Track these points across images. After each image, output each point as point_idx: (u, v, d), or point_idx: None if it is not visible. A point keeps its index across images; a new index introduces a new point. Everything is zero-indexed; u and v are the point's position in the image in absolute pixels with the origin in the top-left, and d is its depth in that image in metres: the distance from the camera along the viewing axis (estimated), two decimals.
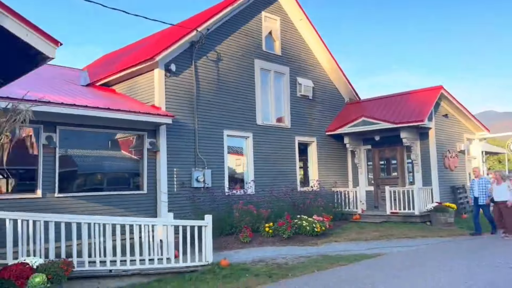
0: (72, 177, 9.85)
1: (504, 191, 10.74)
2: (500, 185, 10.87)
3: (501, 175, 11.11)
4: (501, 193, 10.80)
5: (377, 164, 15.96)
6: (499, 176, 11.05)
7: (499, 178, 10.96)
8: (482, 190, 11.41)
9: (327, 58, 16.03)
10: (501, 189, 10.80)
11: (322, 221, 11.61)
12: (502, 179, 10.92)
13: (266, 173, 13.37)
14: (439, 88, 14.44)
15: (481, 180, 11.62)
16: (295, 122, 14.67)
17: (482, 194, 11.39)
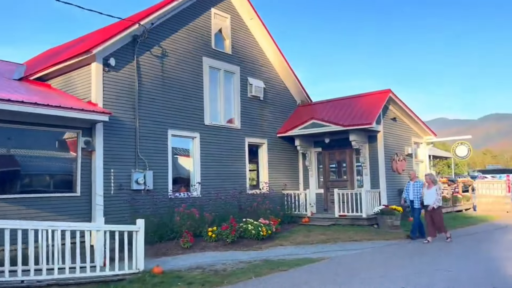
0: None
1: (434, 194, 10.69)
2: (430, 189, 10.81)
3: (431, 178, 11.01)
4: (430, 196, 10.75)
5: (327, 166, 15.91)
6: (429, 179, 10.99)
7: (430, 182, 10.91)
8: (416, 193, 11.39)
9: (279, 59, 15.83)
10: (431, 193, 10.75)
11: (269, 224, 11.31)
12: (432, 183, 10.86)
13: (213, 175, 12.90)
14: (387, 92, 14.59)
15: (416, 183, 11.53)
16: (246, 123, 14.32)
17: (417, 197, 11.36)
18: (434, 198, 10.62)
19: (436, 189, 10.73)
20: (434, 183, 10.85)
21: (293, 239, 11.26)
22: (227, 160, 13.44)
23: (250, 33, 15.02)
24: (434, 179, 11.03)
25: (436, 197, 10.62)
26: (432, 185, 10.78)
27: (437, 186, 10.81)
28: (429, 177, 11.03)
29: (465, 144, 18.57)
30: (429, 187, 10.88)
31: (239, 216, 11.42)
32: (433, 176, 11.16)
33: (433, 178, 11.07)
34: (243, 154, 14.08)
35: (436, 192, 10.72)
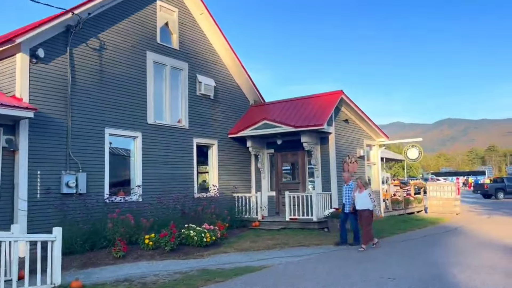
0: None
1: (365, 198, 10.11)
2: (362, 193, 10.18)
3: (362, 181, 10.41)
4: (362, 201, 10.14)
5: (280, 168, 15.49)
6: (360, 183, 10.34)
7: (361, 186, 10.30)
8: (347, 197, 10.80)
9: (231, 58, 15.25)
10: (363, 197, 10.14)
11: (214, 230, 10.68)
12: (364, 186, 10.27)
13: (157, 177, 12.12)
14: (339, 93, 14.35)
15: (348, 186, 10.85)
16: (194, 123, 13.63)
17: (348, 201, 10.74)
18: (366, 202, 10.05)
19: (369, 193, 10.16)
20: (365, 186, 10.27)
21: (239, 245, 10.68)
22: (173, 162, 12.69)
23: (200, 29, 14.35)
24: (366, 182, 10.44)
25: (371, 202, 10.05)
26: (364, 189, 10.19)
27: (369, 190, 10.25)
28: (360, 181, 10.40)
29: (416, 146, 18.75)
30: (360, 191, 10.27)
31: (182, 222, 10.72)
32: (365, 180, 10.57)
33: (365, 181, 10.51)
34: (191, 155, 13.38)
35: (369, 197, 10.14)
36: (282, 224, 13.57)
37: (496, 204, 26.07)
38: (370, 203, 10.05)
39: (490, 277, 6.98)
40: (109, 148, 11.11)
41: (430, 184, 20.78)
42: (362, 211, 10.11)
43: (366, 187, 10.25)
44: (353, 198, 10.42)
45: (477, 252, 9.40)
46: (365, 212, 10.07)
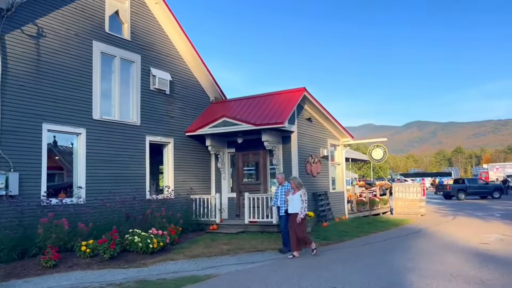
0: None
1: (298, 201, 9.15)
2: (295, 195, 9.25)
3: (296, 182, 9.36)
4: (294, 203, 9.20)
5: (241, 169, 14.77)
6: (294, 183, 9.34)
7: (294, 186, 9.31)
8: (281, 199, 9.79)
9: (190, 52, 14.42)
10: (295, 199, 9.18)
11: (162, 235, 9.85)
12: (297, 188, 9.29)
13: (104, 178, 11.17)
14: (302, 90, 13.77)
15: (282, 188, 9.84)
16: (147, 119, 12.73)
17: (283, 204, 9.72)
18: (299, 205, 9.08)
19: (301, 195, 9.14)
20: (299, 187, 9.28)
21: (190, 251, 9.88)
22: (122, 161, 11.77)
23: (155, 19, 13.45)
24: (299, 182, 9.40)
25: (302, 205, 9.06)
26: (297, 190, 9.25)
27: (302, 191, 9.24)
28: (293, 181, 9.38)
29: (381, 146, 18.45)
30: (294, 192, 9.32)
31: (127, 226, 9.83)
32: (298, 180, 9.48)
33: (298, 181, 9.42)
34: (143, 154, 12.47)
35: (301, 199, 9.13)
36: (241, 227, 12.86)
37: (461, 204, 26.26)
38: (304, 207, 9.09)
39: (449, 284, 6.49)
40: (48, 145, 10.09)
41: (395, 185, 20.56)
42: (294, 215, 9.13)
43: (300, 188, 9.30)
44: (286, 200, 9.55)
45: (439, 257, 8.96)
46: (296, 216, 9.09)
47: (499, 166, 66.83)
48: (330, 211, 14.94)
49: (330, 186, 15.80)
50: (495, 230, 13.36)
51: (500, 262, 8.35)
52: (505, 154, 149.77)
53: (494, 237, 11.79)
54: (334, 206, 15.78)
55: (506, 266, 7.89)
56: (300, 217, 9.01)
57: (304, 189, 9.34)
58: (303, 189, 9.34)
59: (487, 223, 15.56)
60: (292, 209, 9.24)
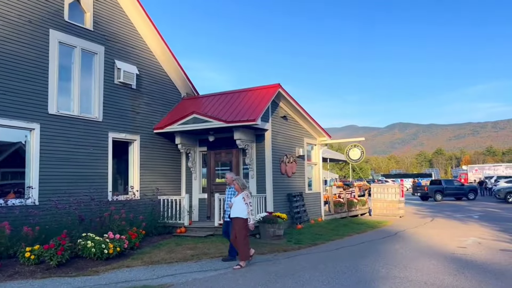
0: None
1: (240, 204, 8.19)
2: (237, 197, 8.32)
3: (239, 183, 8.40)
4: (236, 206, 8.23)
5: (213, 168, 14.08)
6: (236, 184, 8.37)
7: (238, 188, 8.35)
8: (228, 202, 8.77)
9: (159, 45, 13.66)
10: (238, 202, 8.25)
11: (119, 239, 9.09)
12: (240, 189, 8.35)
13: (59, 177, 10.35)
14: (276, 87, 13.17)
15: (232, 189, 8.84)
16: (110, 115, 11.94)
17: (227, 207, 8.71)
18: (240, 208, 8.12)
19: (244, 197, 8.17)
20: (242, 188, 8.31)
21: (150, 257, 9.14)
22: (82, 160, 10.96)
23: (121, 9, 12.66)
24: (243, 184, 8.43)
25: (248, 208, 8.11)
26: (240, 192, 8.30)
27: (245, 193, 8.25)
28: (236, 182, 8.38)
29: (359, 146, 17.99)
30: (237, 194, 8.39)
31: (82, 230, 9.05)
32: (241, 180, 8.48)
33: (241, 182, 8.42)
34: (105, 152, 11.68)
35: (244, 201, 8.15)
36: (211, 230, 12.17)
37: (439, 206, 26.10)
38: (244, 210, 8.13)
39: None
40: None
41: (374, 186, 20.16)
42: (236, 220, 8.17)
43: (243, 189, 8.34)
44: (230, 203, 8.53)
45: (415, 262, 8.46)
46: (238, 221, 8.12)
47: (478, 167, 67.68)
48: (305, 213, 14.38)
49: (306, 187, 15.25)
50: (472, 233, 13.01)
51: (477, 268, 7.89)
52: (484, 156, 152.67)
53: (472, 240, 11.40)
54: (310, 207, 15.24)
55: (483, 273, 7.43)
56: (250, 224, 8.10)
57: (248, 191, 8.36)
58: (247, 191, 8.36)
59: (465, 225, 15.25)
60: (233, 213, 8.24)
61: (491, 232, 13.24)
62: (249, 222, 8.14)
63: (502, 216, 18.92)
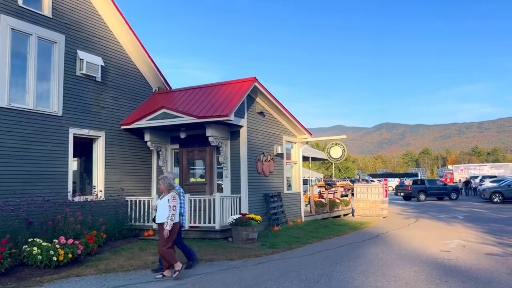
0: None
1: (165, 207, 7.10)
2: (163, 199, 7.27)
3: (165, 183, 7.25)
4: (161, 210, 7.17)
5: (185, 167, 13.27)
6: (162, 184, 7.27)
7: (164, 188, 7.26)
8: None
9: (129, 37, 12.80)
10: (163, 205, 7.18)
11: (73, 244, 8.25)
12: (167, 190, 7.24)
13: (12, 176, 9.44)
14: (252, 80, 12.41)
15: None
16: (71, 109, 11.05)
17: None
18: (166, 212, 7.07)
19: (169, 199, 7.11)
20: (169, 189, 7.24)
21: (107, 264, 8.32)
22: (37, 157, 10.06)
23: None
24: (170, 184, 7.27)
25: (169, 212, 7.02)
26: (166, 193, 7.25)
27: (171, 194, 7.16)
28: (162, 182, 7.30)
29: (340, 145, 17.35)
30: (163, 196, 7.35)
31: (29, 235, 8.17)
32: (168, 180, 7.32)
33: (168, 182, 7.27)
34: (65, 149, 10.78)
35: (169, 204, 7.08)
36: None
37: (424, 206, 25.66)
38: (172, 215, 7.04)
39: None
40: None
41: (357, 185, 19.56)
42: (160, 225, 7.17)
43: (170, 190, 7.24)
44: (155, 207, 7.58)
45: (394, 269, 7.79)
46: (164, 226, 7.09)
47: (463, 167, 67.97)
48: (283, 214, 13.67)
49: (285, 187, 14.54)
50: (457, 235, 12.44)
51: (461, 275, 7.25)
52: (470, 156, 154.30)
53: (456, 243, 10.81)
54: (289, 208, 14.53)
55: (468, 281, 6.79)
56: (166, 229, 6.95)
57: (174, 193, 7.21)
58: (174, 192, 7.23)
59: (450, 226, 14.71)
60: (158, 218, 7.22)
61: (476, 234, 12.70)
62: (165, 226, 6.97)
63: (487, 216, 18.48)
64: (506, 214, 19.25)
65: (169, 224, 7.00)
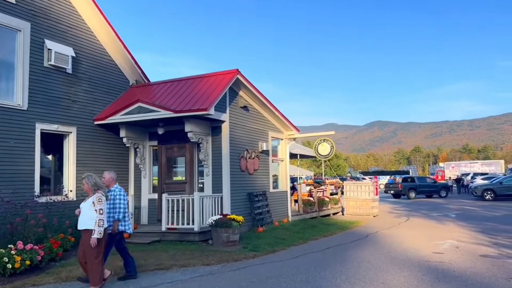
0: None
1: (89, 211, 6.05)
2: (87, 201, 6.17)
3: (89, 182, 6.13)
4: (85, 214, 6.08)
5: (164, 165, 12.53)
6: (87, 184, 6.14)
7: (88, 189, 6.16)
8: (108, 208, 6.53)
9: (103, 27, 11.99)
10: (86, 209, 6.10)
11: (31, 250, 7.51)
12: (92, 190, 6.14)
13: None
14: (234, 72, 11.70)
15: (109, 192, 6.70)
16: (38, 103, 10.25)
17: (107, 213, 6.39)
18: (90, 216, 5.99)
19: (94, 202, 6.02)
20: (94, 190, 6.13)
21: (70, 271, 7.59)
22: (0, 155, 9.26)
23: None
24: (96, 183, 6.16)
25: (96, 217, 5.95)
26: (91, 195, 6.15)
27: (97, 196, 6.06)
28: (86, 181, 6.15)
29: (328, 141, 16.72)
30: (87, 198, 6.25)
31: None
32: (93, 179, 6.17)
33: (93, 181, 6.15)
34: (31, 146, 9.99)
35: (94, 208, 6.02)
36: (157, 235, 10.68)
37: (415, 204, 25.17)
38: (93, 219, 5.96)
39: None
40: None
41: (347, 183, 18.96)
42: (84, 233, 6.08)
43: (95, 190, 6.14)
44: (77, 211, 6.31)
45: (383, 275, 7.15)
46: (87, 234, 6.02)
47: (454, 164, 68.05)
48: (268, 214, 13.01)
49: (271, 185, 13.87)
50: (450, 234, 11.88)
51: (455, 280, 6.65)
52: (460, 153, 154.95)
53: (449, 244, 10.24)
54: (275, 207, 13.87)
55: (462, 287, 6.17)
56: (94, 238, 5.91)
57: (100, 193, 6.10)
58: (100, 193, 6.12)
59: (442, 226, 14.16)
60: (81, 223, 6.10)
61: (469, 233, 12.15)
62: (93, 234, 5.90)
63: (480, 214, 17.99)
64: (499, 212, 18.79)
65: (97, 231, 5.90)
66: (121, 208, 6.77)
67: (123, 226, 6.93)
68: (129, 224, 7.16)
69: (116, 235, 6.87)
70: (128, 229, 7.04)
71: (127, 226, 7.03)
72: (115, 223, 6.71)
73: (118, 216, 6.73)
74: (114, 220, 6.69)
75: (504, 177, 30.69)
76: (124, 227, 6.96)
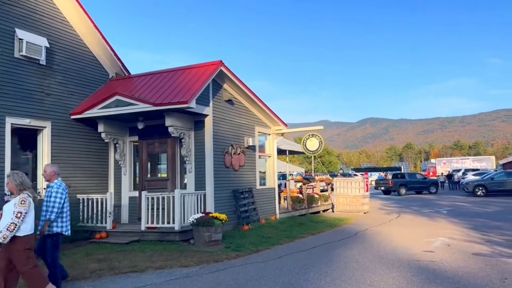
0: None
1: (9, 212, 5.09)
2: (10, 202, 5.24)
3: (14, 181, 5.20)
4: (7, 216, 5.08)
5: (145, 161, 12.02)
6: (10, 183, 5.23)
7: (13, 188, 5.22)
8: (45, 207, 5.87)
9: (80, 16, 11.42)
10: (8, 210, 5.13)
11: None
12: (17, 190, 5.21)
13: None
14: (217, 64, 11.20)
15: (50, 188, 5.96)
16: (8, 95, 9.67)
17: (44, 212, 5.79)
18: (8, 218, 5.04)
19: (15, 204, 5.07)
20: (19, 190, 5.20)
21: None
22: None
23: None
24: (22, 182, 5.22)
25: (10, 219, 5.01)
26: (16, 194, 5.22)
27: (20, 197, 5.12)
28: (11, 179, 5.23)
29: (317, 136, 16.29)
30: (12, 197, 5.28)
31: None
32: (19, 177, 5.24)
33: (18, 180, 5.21)
34: (1, 142, 9.42)
35: (13, 209, 5.04)
36: (137, 235, 10.18)
37: (406, 200, 24.91)
38: (12, 223, 4.99)
39: None
40: None
41: (337, 180, 18.57)
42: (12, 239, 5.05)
43: (21, 190, 5.21)
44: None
45: (371, 276, 6.72)
46: (13, 241, 5.05)
47: (446, 161, 68.19)
48: (255, 212, 12.56)
49: (257, 182, 13.41)
50: (441, 232, 11.52)
51: (446, 282, 6.24)
52: (452, 149, 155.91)
53: (440, 242, 9.86)
54: (262, 205, 13.42)
55: None
56: (24, 237, 5.09)
57: (25, 194, 5.16)
58: (25, 194, 5.18)
59: (433, 222, 13.82)
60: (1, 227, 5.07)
61: (461, 230, 11.80)
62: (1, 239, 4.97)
63: (471, 210, 17.71)
64: (490, 208, 18.53)
65: (3, 235, 4.92)
66: (54, 207, 5.80)
67: (58, 227, 5.96)
68: (67, 225, 6.07)
69: (53, 237, 5.91)
70: (65, 230, 6.03)
71: (64, 228, 6.02)
72: (45, 224, 5.82)
73: (50, 216, 5.79)
74: (45, 220, 5.83)
75: (495, 173, 30.56)
76: (61, 229, 5.97)
